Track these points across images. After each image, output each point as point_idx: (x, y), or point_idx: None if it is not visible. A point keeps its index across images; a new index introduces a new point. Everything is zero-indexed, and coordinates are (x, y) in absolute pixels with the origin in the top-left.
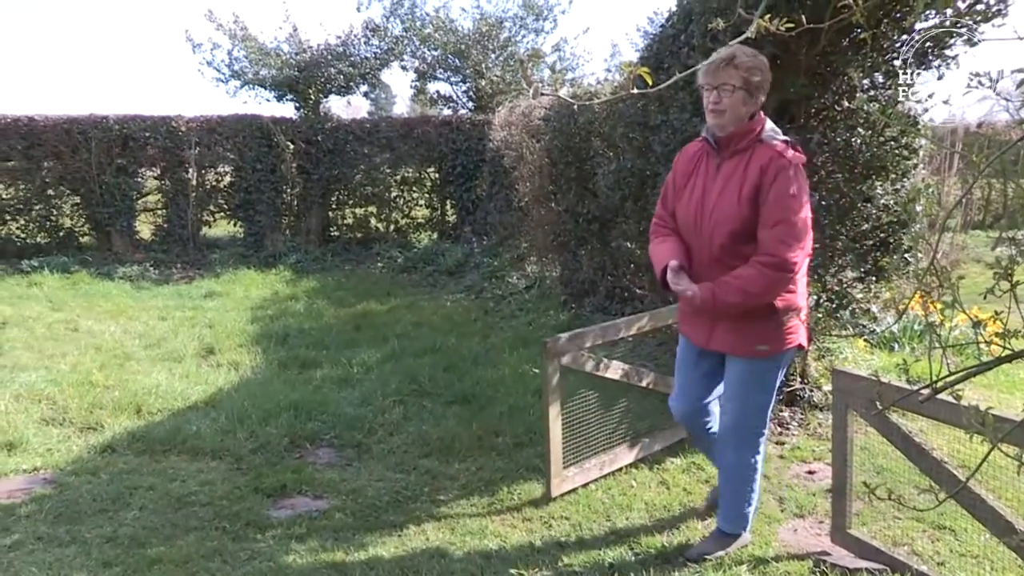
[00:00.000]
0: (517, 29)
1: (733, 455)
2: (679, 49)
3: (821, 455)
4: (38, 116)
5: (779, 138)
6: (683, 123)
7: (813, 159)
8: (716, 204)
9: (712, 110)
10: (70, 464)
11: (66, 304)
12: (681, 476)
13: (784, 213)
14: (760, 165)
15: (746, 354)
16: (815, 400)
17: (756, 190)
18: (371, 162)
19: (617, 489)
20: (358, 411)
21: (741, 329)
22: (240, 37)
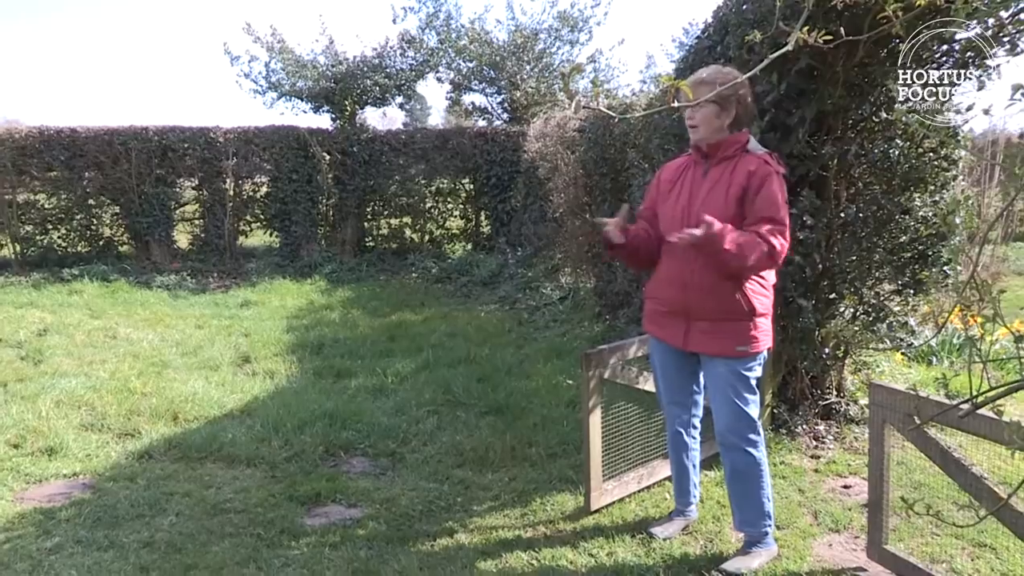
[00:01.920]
0: (552, 41)
1: (736, 456)
2: (715, 61)
3: (857, 469)
4: (80, 127)
5: (763, 150)
6: None
7: (850, 171)
8: (704, 202)
9: (689, 126)
10: (108, 470)
11: (105, 312)
12: (715, 489)
13: (775, 211)
14: (748, 170)
15: (728, 355)
16: (851, 414)
17: (743, 191)
18: (406, 173)
19: (651, 502)
20: (392, 420)
21: (719, 331)
22: (277, 49)
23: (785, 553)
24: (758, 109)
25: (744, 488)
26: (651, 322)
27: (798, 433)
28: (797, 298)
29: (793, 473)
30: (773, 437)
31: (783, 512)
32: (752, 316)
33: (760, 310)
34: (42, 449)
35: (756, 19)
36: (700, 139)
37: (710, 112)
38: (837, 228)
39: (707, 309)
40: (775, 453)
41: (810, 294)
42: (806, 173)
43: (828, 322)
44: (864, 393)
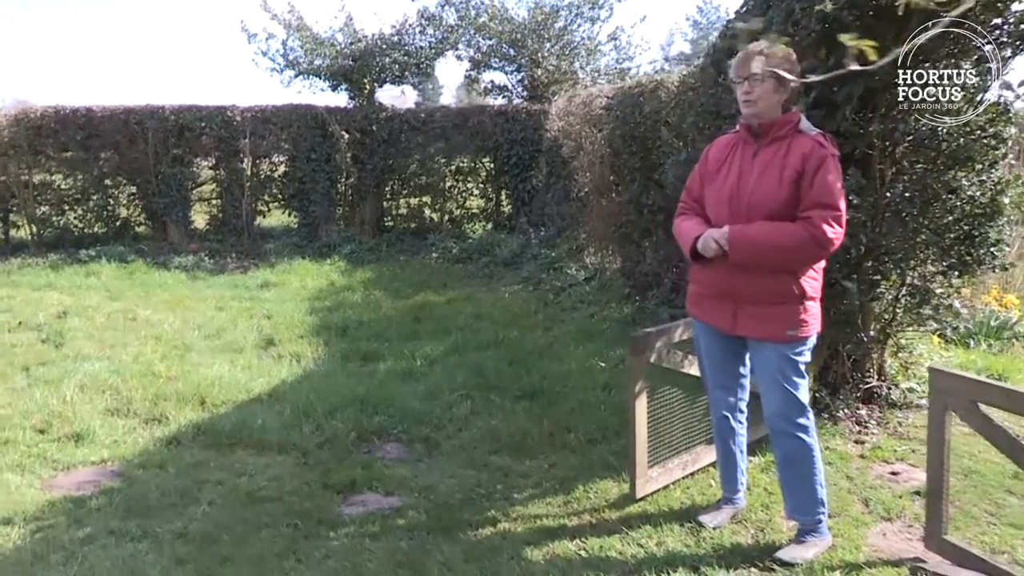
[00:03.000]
0: (573, 18)
1: (787, 442)
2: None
3: (903, 455)
4: (96, 107)
5: (816, 130)
6: None
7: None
8: (755, 186)
9: (745, 100)
10: (137, 456)
11: (124, 294)
12: (761, 476)
13: (831, 198)
14: (802, 152)
15: (778, 339)
16: (893, 398)
17: (797, 175)
18: (425, 152)
19: (696, 489)
20: (424, 405)
21: (769, 315)
22: (295, 27)
23: (839, 543)
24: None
25: (796, 474)
26: (695, 305)
27: (840, 418)
28: (841, 279)
29: (839, 459)
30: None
31: (833, 500)
32: (802, 300)
33: (810, 293)
34: (68, 435)
35: None
36: (755, 115)
37: (769, 87)
38: (882, 208)
39: (755, 293)
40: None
41: (854, 275)
42: (852, 151)
43: (871, 304)
44: (904, 377)
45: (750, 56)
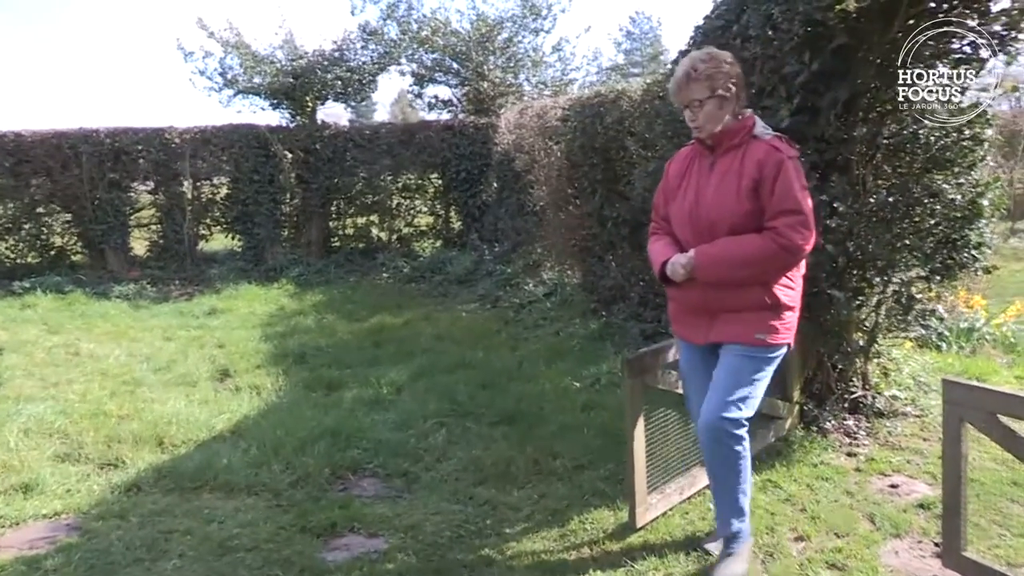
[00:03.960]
0: (517, 29)
1: (722, 448)
2: (730, 41)
3: (899, 466)
4: (25, 131)
5: (771, 133)
6: None
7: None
8: (713, 202)
9: (693, 127)
10: (94, 507)
11: (63, 326)
12: (759, 495)
13: (794, 203)
14: (757, 159)
15: (744, 341)
16: (879, 407)
17: (755, 183)
18: (371, 170)
19: (695, 514)
20: (398, 436)
21: (742, 317)
22: (233, 44)
23: (854, 565)
24: (786, 91)
25: (721, 482)
26: (676, 322)
27: (828, 430)
28: (828, 289)
29: (836, 474)
30: (805, 435)
31: (838, 517)
32: (777, 308)
33: (786, 302)
34: (15, 486)
35: None
36: (709, 136)
37: (712, 108)
38: (865, 214)
39: (729, 304)
40: (810, 453)
41: (841, 284)
42: (835, 157)
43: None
44: (888, 385)
45: (689, 79)
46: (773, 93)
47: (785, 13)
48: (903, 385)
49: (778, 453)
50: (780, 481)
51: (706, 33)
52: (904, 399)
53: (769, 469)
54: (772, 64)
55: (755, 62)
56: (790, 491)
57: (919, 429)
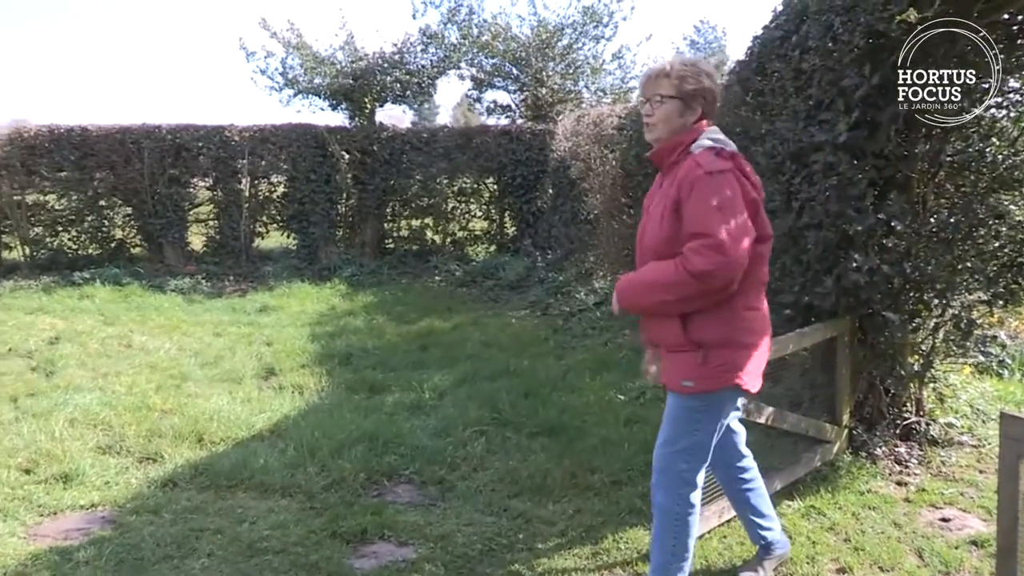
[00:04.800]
0: (577, 36)
1: (662, 499)
2: (789, 52)
3: (952, 499)
4: (91, 126)
5: (706, 144)
6: (795, 132)
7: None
8: (646, 226)
9: (645, 123)
10: (129, 500)
11: (118, 318)
12: (801, 522)
13: (701, 225)
14: (680, 178)
15: (675, 389)
16: (933, 434)
17: (675, 205)
18: (428, 172)
19: (734, 538)
20: (437, 443)
21: (673, 360)
22: (294, 45)
23: None
24: (844, 105)
25: (658, 534)
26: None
27: (878, 456)
28: (882, 311)
29: (883, 503)
30: (853, 461)
31: (883, 550)
32: (700, 348)
33: (711, 340)
34: (56, 475)
35: (845, 5)
36: (656, 138)
37: (672, 109)
38: (924, 235)
39: (662, 341)
40: (858, 479)
41: (897, 307)
42: (894, 175)
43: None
44: (943, 412)
45: (660, 74)
46: (831, 106)
47: (846, 24)
48: (960, 413)
49: (824, 478)
50: (824, 508)
51: (764, 43)
52: (960, 427)
53: (814, 495)
54: (831, 76)
55: (813, 74)
56: (834, 519)
57: (975, 460)
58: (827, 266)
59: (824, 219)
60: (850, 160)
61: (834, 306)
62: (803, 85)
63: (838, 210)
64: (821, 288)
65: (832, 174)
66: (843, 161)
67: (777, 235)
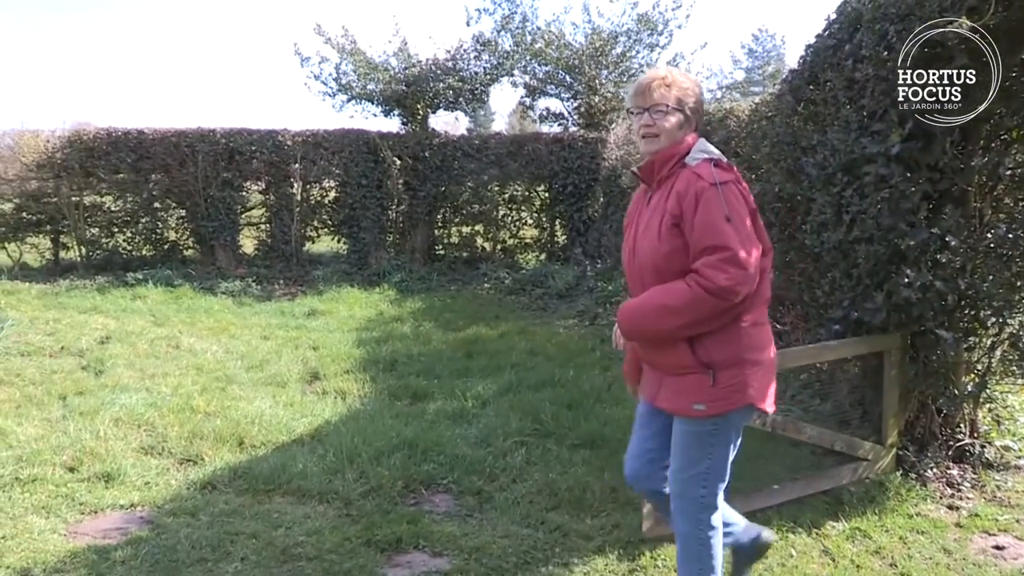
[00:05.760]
0: (631, 44)
1: (682, 525)
2: (842, 61)
3: (1007, 526)
4: (147, 129)
5: (702, 157)
6: (846, 143)
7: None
8: (641, 241)
9: (645, 135)
10: (168, 501)
11: (168, 319)
12: (846, 545)
13: (716, 238)
14: (678, 192)
15: (685, 414)
16: (988, 457)
17: (675, 219)
18: (479, 179)
19: (775, 558)
20: (477, 452)
21: (680, 384)
22: (348, 51)
23: None
24: (898, 115)
25: (684, 560)
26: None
27: (929, 478)
28: (935, 328)
29: (933, 528)
30: (902, 483)
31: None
32: (709, 369)
33: (723, 360)
34: (99, 474)
35: (900, 13)
36: (655, 151)
37: (675, 121)
38: (981, 250)
39: (666, 364)
40: (906, 502)
41: (950, 324)
42: (949, 188)
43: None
44: (999, 433)
45: (654, 83)
46: (884, 117)
47: (901, 33)
48: (1018, 435)
49: (871, 499)
50: (870, 530)
51: (817, 52)
52: (1018, 451)
53: (859, 516)
54: (884, 86)
55: (866, 84)
56: (880, 542)
57: None
58: (878, 281)
59: (875, 233)
60: (903, 172)
61: (884, 322)
62: (856, 95)
63: (890, 224)
64: (871, 303)
65: (884, 186)
66: (896, 173)
67: (827, 249)
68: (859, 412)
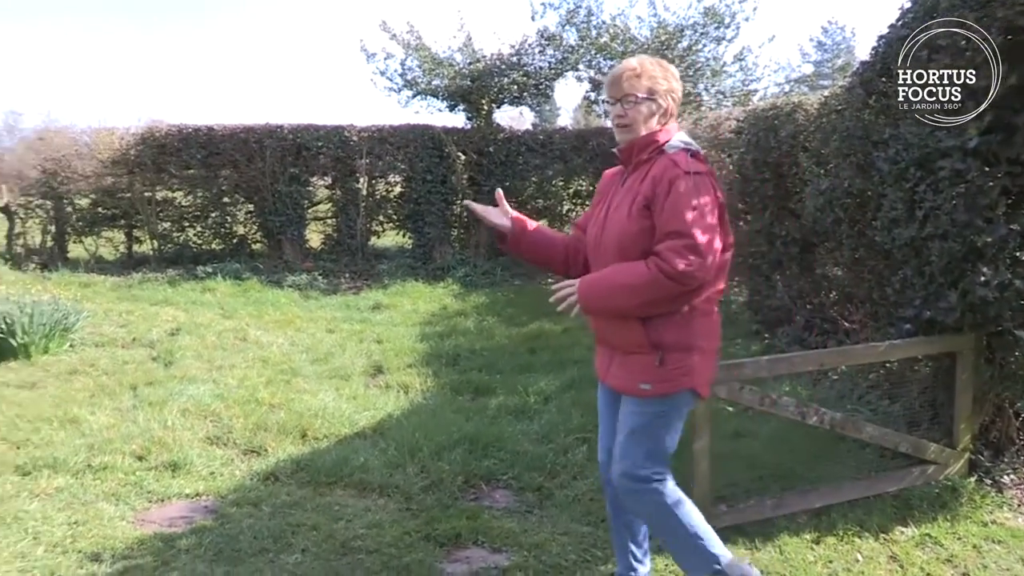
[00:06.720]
0: (698, 37)
1: (636, 504)
2: (916, 51)
3: None
4: (217, 125)
5: (680, 146)
6: (920, 137)
7: None
8: (610, 221)
9: (618, 124)
10: (232, 492)
11: (236, 311)
12: (915, 551)
13: (680, 224)
14: (653, 176)
15: (631, 392)
16: None
17: (647, 202)
18: (543, 174)
19: (840, 563)
20: (538, 448)
21: (629, 362)
22: (414, 47)
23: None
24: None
25: (669, 532)
26: (596, 351)
27: (1005, 484)
28: (1014, 329)
29: (1010, 537)
30: (976, 489)
31: None
32: (659, 350)
33: (672, 342)
34: (166, 463)
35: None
36: (629, 140)
37: (645, 110)
38: None
39: (617, 341)
40: (981, 509)
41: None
42: None
43: None
44: None
45: (624, 74)
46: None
47: (981, 21)
48: None
49: (942, 505)
50: (941, 538)
51: (890, 43)
52: None
53: (930, 522)
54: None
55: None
56: (953, 551)
57: None
58: (952, 279)
59: (950, 229)
60: (981, 167)
61: (958, 322)
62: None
63: (966, 220)
64: (945, 303)
65: (960, 181)
66: (973, 168)
67: (898, 246)
68: (930, 414)
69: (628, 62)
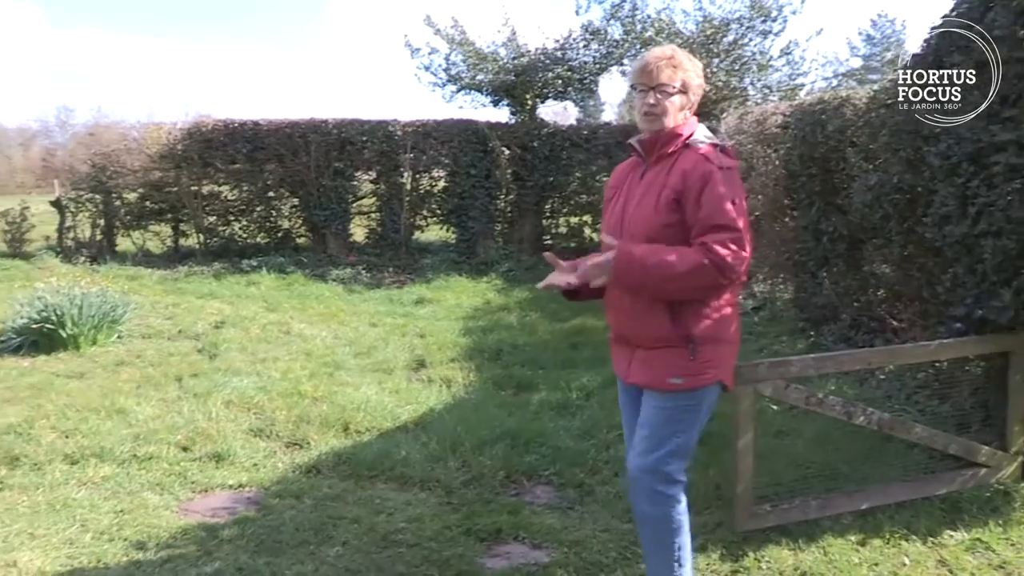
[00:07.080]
0: (744, 31)
1: (647, 506)
2: (971, 41)
3: None
4: (262, 120)
5: (708, 141)
6: (974, 131)
7: None
8: (634, 213)
9: (648, 112)
10: (275, 483)
11: (280, 305)
12: (965, 556)
13: (724, 218)
14: (683, 170)
15: (660, 387)
16: None
17: (676, 195)
18: (587, 170)
19: (886, 565)
20: (580, 445)
21: (655, 357)
22: (458, 41)
23: None
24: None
25: (653, 544)
26: (611, 347)
27: None
28: None
29: None
30: None
31: None
32: (690, 343)
33: (701, 334)
34: (210, 454)
35: None
36: (658, 130)
37: (679, 103)
38: None
39: (642, 336)
40: None
41: None
42: None
43: None
44: None
45: (661, 63)
46: (1018, 102)
47: None
48: None
49: (993, 509)
50: (993, 543)
51: (942, 35)
52: None
53: (980, 526)
54: (1019, 68)
55: (999, 66)
56: (1005, 556)
57: None
58: (1006, 278)
59: (1004, 226)
60: None
61: (1012, 321)
62: (986, 80)
63: (1021, 216)
64: (998, 301)
65: (1016, 177)
66: None
67: (949, 243)
68: (981, 415)
69: (662, 50)
